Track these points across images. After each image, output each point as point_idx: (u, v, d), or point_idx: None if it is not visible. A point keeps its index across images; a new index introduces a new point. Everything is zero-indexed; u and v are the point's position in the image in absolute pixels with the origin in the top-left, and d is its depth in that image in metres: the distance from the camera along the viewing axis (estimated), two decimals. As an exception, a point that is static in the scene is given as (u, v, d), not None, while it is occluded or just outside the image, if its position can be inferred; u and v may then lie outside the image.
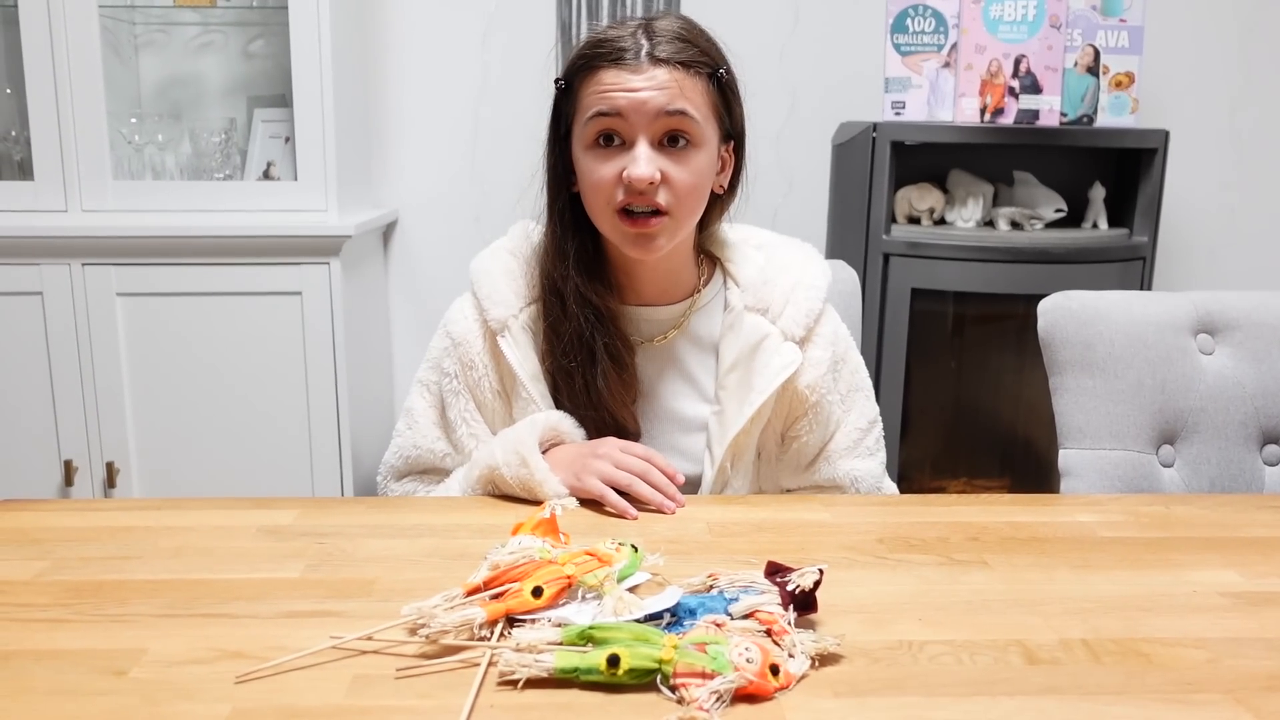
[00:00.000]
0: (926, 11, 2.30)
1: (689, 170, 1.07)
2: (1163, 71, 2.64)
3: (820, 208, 2.67)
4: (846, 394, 1.20)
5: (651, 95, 1.04)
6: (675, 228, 1.09)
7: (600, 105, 1.05)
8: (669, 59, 1.05)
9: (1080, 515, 1.05)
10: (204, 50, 2.53)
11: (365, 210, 2.49)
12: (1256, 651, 0.76)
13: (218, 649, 0.74)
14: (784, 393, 1.14)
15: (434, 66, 2.62)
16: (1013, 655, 0.75)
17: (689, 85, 1.06)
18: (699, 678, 0.68)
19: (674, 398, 1.19)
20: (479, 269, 1.19)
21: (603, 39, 1.07)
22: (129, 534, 0.97)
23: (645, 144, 1.05)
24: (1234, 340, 1.32)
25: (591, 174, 1.08)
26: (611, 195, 1.07)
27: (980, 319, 2.55)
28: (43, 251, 2.18)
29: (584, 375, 1.13)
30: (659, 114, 1.05)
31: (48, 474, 2.25)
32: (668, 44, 1.06)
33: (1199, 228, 2.76)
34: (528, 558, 0.81)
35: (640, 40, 1.06)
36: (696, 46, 1.08)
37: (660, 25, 1.08)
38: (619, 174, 1.06)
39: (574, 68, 1.09)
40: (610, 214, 1.08)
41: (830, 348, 1.17)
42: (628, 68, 1.05)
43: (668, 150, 1.07)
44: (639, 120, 1.05)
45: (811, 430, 1.17)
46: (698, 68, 1.07)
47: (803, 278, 1.18)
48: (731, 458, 1.14)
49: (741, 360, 1.15)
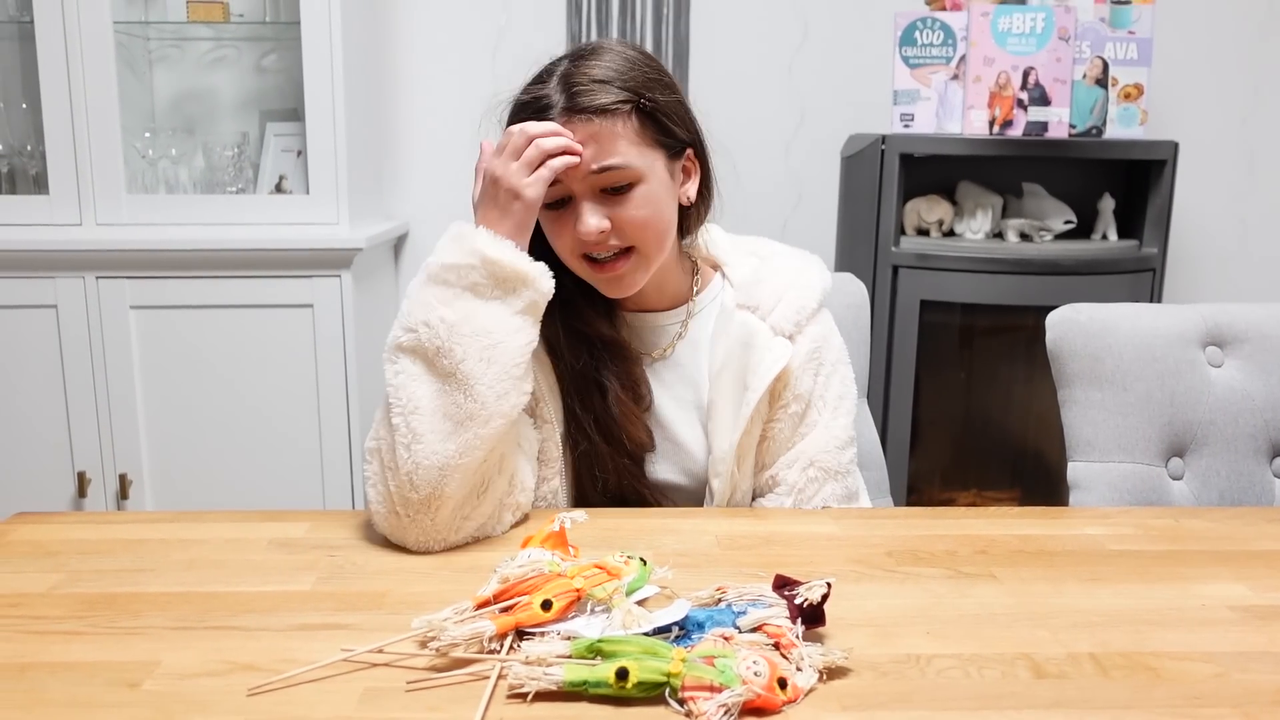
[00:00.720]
0: (935, 24, 2.30)
1: (636, 208, 1.06)
2: (1172, 83, 2.64)
3: (829, 220, 2.67)
4: (829, 400, 1.16)
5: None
6: (643, 261, 1.10)
7: None
8: (585, 108, 1.04)
9: (1089, 528, 1.05)
10: (217, 65, 2.55)
11: (376, 223, 2.50)
12: (1265, 666, 0.76)
13: (230, 661, 0.74)
14: (771, 385, 1.13)
15: (445, 79, 2.64)
16: (1020, 669, 0.75)
17: (609, 132, 1.04)
18: (707, 691, 0.68)
19: (683, 407, 1.19)
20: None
21: (525, 101, 1.08)
22: (142, 546, 0.97)
23: (587, 201, 1.06)
24: (1243, 353, 1.32)
25: (549, 233, 1.10)
26: (573, 248, 1.08)
27: (989, 331, 2.55)
28: (57, 265, 2.19)
29: (596, 407, 1.14)
30: (587, 174, 1.05)
31: (61, 486, 2.27)
32: (583, 94, 1.04)
33: (1209, 239, 2.76)
34: (537, 571, 0.81)
35: (557, 95, 1.05)
36: (612, 84, 1.05)
37: (580, 70, 1.06)
38: (573, 230, 1.07)
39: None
40: (578, 263, 1.10)
41: (814, 343, 1.15)
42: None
43: (610, 197, 1.06)
44: (572, 183, 1.05)
45: (785, 420, 1.14)
46: (616, 108, 1.05)
47: (797, 279, 1.17)
48: (738, 462, 1.14)
49: (733, 358, 1.14)
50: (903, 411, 2.31)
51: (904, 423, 2.32)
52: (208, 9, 2.35)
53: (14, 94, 2.42)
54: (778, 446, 1.15)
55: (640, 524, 1.06)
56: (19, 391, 2.24)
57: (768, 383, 1.11)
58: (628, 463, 1.16)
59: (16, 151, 2.39)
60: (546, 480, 1.14)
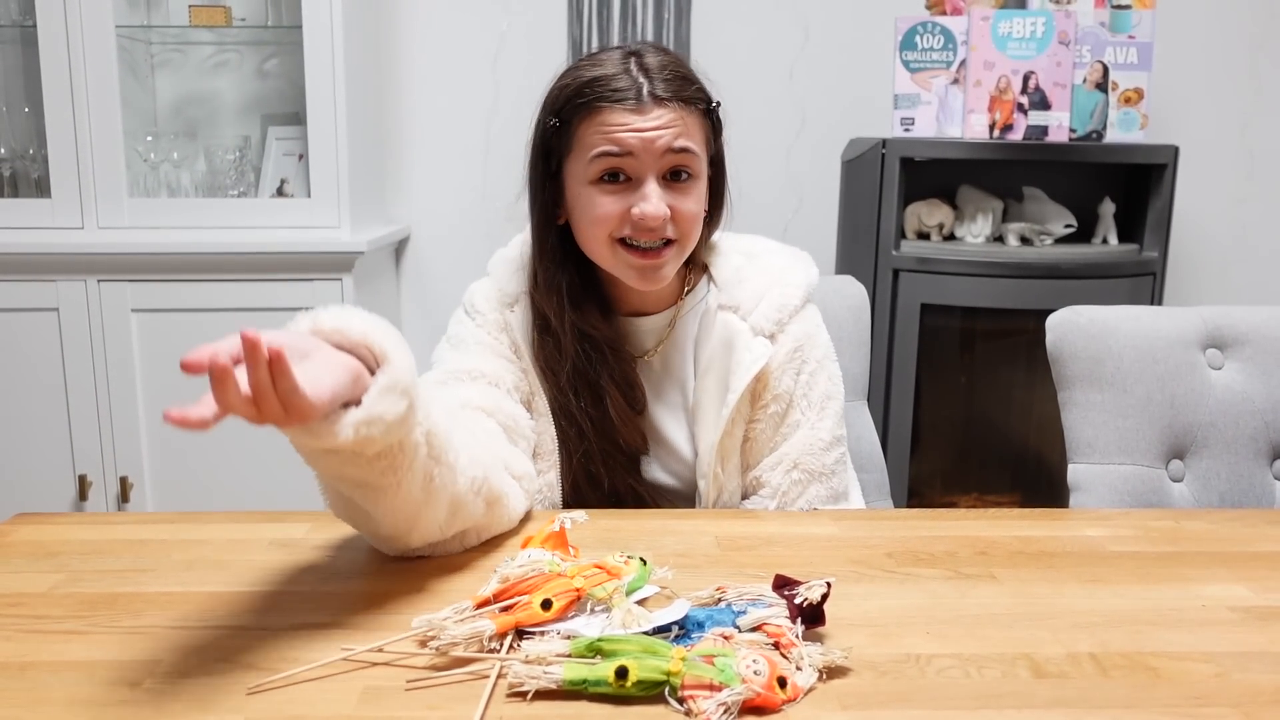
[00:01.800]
0: (935, 29, 2.31)
1: (693, 201, 1.09)
2: (1172, 88, 2.64)
3: (830, 223, 2.68)
4: (814, 400, 1.15)
5: (659, 135, 1.05)
6: (680, 255, 1.11)
7: (607, 145, 1.05)
8: (671, 97, 1.06)
9: (1089, 530, 1.05)
10: (219, 69, 2.56)
11: (378, 227, 2.51)
12: (1265, 666, 0.76)
13: (230, 661, 0.75)
14: (753, 385, 1.13)
15: (446, 84, 2.64)
16: (1020, 669, 0.75)
17: (690, 121, 1.08)
18: (707, 690, 0.68)
19: (671, 409, 1.19)
20: (498, 256, 1.22)
21: (598, 77, 1.06)
22: (143, 547, 0.97)
23: (654, 182, 1.06)
24: (1243, 355, 1.32)
25: (596, 209, 1.08)
26: (614, 229, 1.08)
27: (990, 334, 2.55)
28: (59, 268, 2.20)
29: (591, 409, 1.14)
30: (665, 152, 1.06)
31: (62, 488, 2.27)
32: (665, 82, 1.06)
33: (1210, 243, 2.76)
34: (537, 571, 0.82)
35: (638, 78, 1.06)
36: (691, 81, 1.10)
37: (651, 61, 1.08)
38: (625, 210, 1.07)
39: (571, 106, 1.07)
40: (611, 245, 1.09)
41: (796, 341, 1.14)
42: (632, 108, 1.05)
43: (671, 184, 1.08)
44: (647, 159, 1.06)
45: (766, 420, 1.14)
46: (695, 103, 1.09)
47: (781, 277, 1.17)
48: (721, 462, 1.14)
49: (716, 360, 1.14)
50: (903, 415, 2.31)
51: (904, 426, 2.32)
52: (210, 13, 2.36)
53: (16, 97, 2.42)
54: (760, 447, 1.15)
55: (640, 525, 1.06)
56: (20, 394, 2.24)
57: (746, 383, 1.11)
58: (623, 461, 1.16)
59: (19, 155, 2.39)
60: (543, 474, 1.14)
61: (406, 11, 2.61)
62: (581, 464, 1.16)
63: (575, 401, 1.14)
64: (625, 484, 1.17)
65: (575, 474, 1.16)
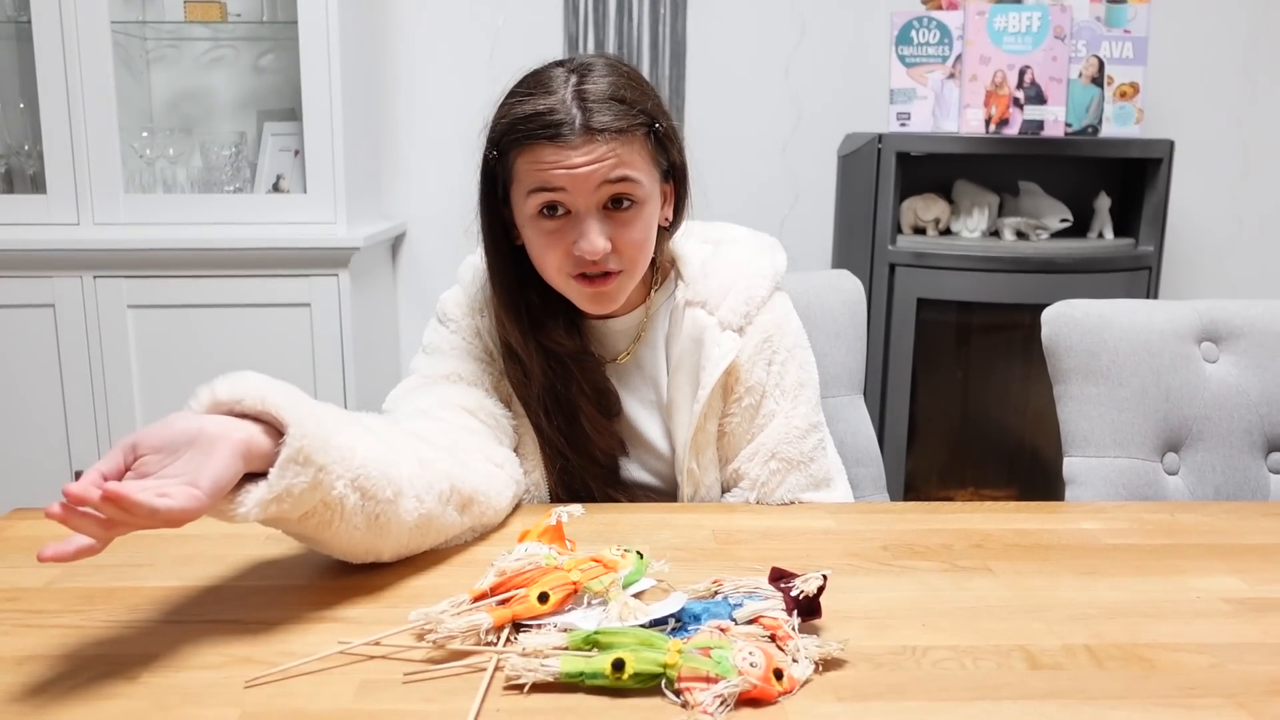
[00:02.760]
0: (931, 23, 2.31)
1: (636, 229, 1.06)
2: (1167, 82, 2.64)
3: (826, 218, 2.68)
4: (787, 389, 1.14)
5: (593, 169, 1.01)
6: (628, 281, 1.09)
7: (540, 182, 1.03)
8: (606, 128, 1.01)
9: (1085, 522, 1.06)
10: (215, 65, 2.56)
11: (374, 223, 2.51)
12: (1259, 657, 0.76)
13: (227, 654, 0.75)
14: (723, 380, 1.13)
15: (442, 80, 2.64)
16: (1015, 660, 0.75)
17: (627, 150, 1.03)
18: (703, 682, 0.68)
19: (646, 407, 1.18)
20: (467, 263, 1.23)
21: (530, 114, 1.02)
22: (140, 541, 0.97)
23: (592, 216, 1.03)
24: (1238, 348, 1.32)
25: (539, 245, 1.06)
26: (562, 263, 1.06)
27: (986, 329, 2.55)
28: (55, 264, 2.20)
29: (564, 426, 1.14)
30: (601, 184, 1.02)
31: (58, 484, 2.25)
32: (602, 111, 1.02)
33: (1205, 237, 2.76)
34: (534, 564, 0.82)
35: (572, 110, 1.01)
36: (630, 105, 1.04)
37: (591, 87, 1.03)
38: (568, 246, 1.04)
39: (506, 140, 1.04)
40: (564, 278, 1.08)
41: (765, 332, 1.14)
42: (564, 144, 1.01)
43: (612, 213, 1.05)
44: (582, 193, 1.02)
45: (740, 414, 1.13)
46: (634, 129, 1.04)
47: (746, 269, 1.15)
48: (695, 458, 1.14)
49: (687, 356, 1.14)
50: (900, 409, 2.32)
51: (901, 421, 2.32)
52: (205, 9, 2.35)
53: (11, 94, 2.42)
54: (737, 440, 1.15)
55: (637, 518, 1.06)
56: (16, 390, 2.24)
57: (715, 378, 1.11)
58: (600, 473, 1.16)
59: (14, 151, 2.39)
60: (528, 473, 1.14)
61: (402, 7, 2.61)
62: (560, 479, 1.16)
63: (548, 421, 1.13)
64: (604, 494, 1.17)
65: (554, 487, 1.16)
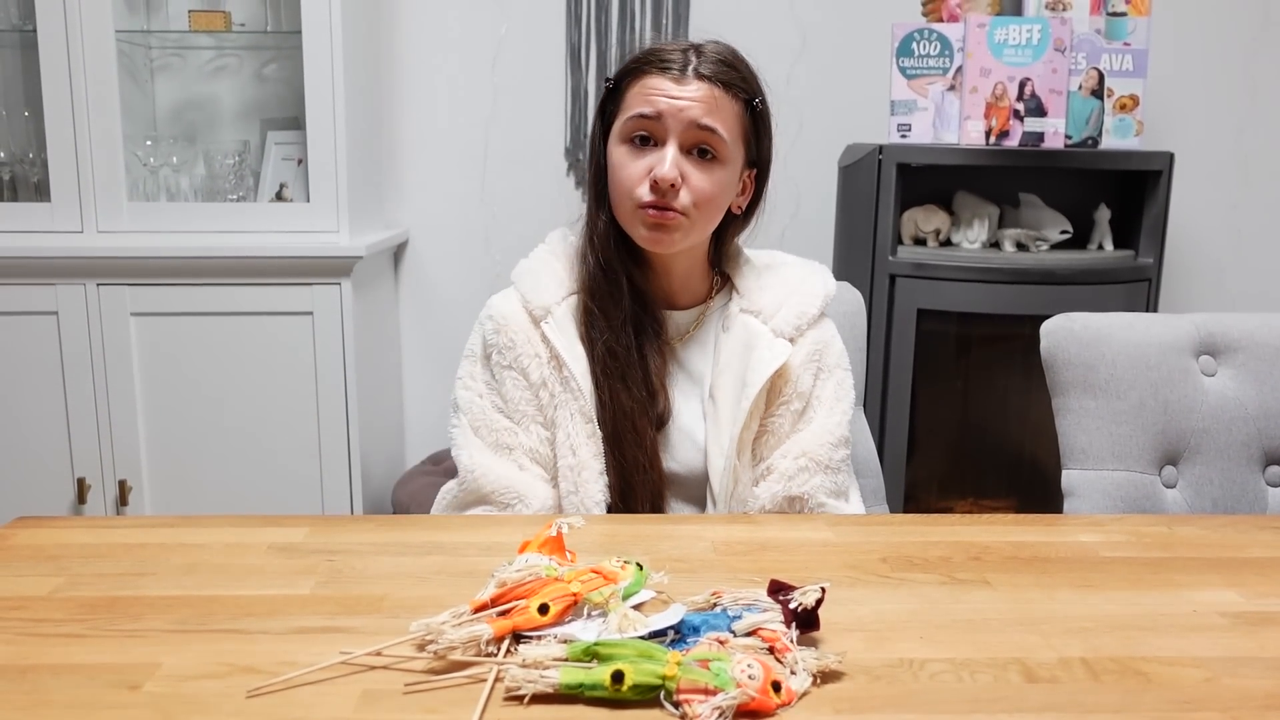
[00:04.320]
0: (931, 35, 2.32)
1: (709, 180, 1.14)
2: (1167, 94, 2.65)
3: (827, 229, 2.68)
4: (825, 399, 1.21)
5: (688, 105, 1.12)
6: (689, 229, 1.15)
7: (641, 107, 1.13)
8: (710, 76, 1.13)
9: (1082, 535, 1.06)
10: (218, 74, 2.57)
11: (376, 231, 2.51)
12: (1255, 671, 0.77)
13: (230, 664, 0.75)
14: (770, 383, 1.18)
15: (445, 89, 2.65)
16: (1012, 673, 0.75)
17: (723, 104, 1.14)
18: (702, 694, 0.69)
19: (688, 401, 1.23)
20: (521, 267, 1.25)
21: (656, 49, 1.16)
22: (143, 551, 0.98)
23: (674, 147, 1.13)
24: (1236, 361, 1.33)
25: (622, 168, 1.15)
26: (635, 186, 1.14)
27: (986, 340, 2.56)
28: (58, 272, 2.20)
29: (634, 352, 1.18)
30: (691, 124, 1.12)
31: (61, 491, 2.27)
32: (712, 64, 1.14)
33: (1205, 249, 2.77)
34: (534, 575, 0.82)
35: (689, 56, 1.14)
36: (738, 72, 1.16)
37: (709, 48, 1.17)
38: (647, 171, 1.13)
39: (625, 70, 1.18)
40: (631, 206, 1.14)
41: (815, 345, 1.21)
42: (672, 77, 1.13)
43: (693, 159, 1.14)
44: (673, 125, 1.12)
45: (785, 415, 1.19)
46: (735, 91, 1.15)
47: (800, 287, 1.24)
48: (738, 453, 1.17)
49: (735, 359, 1.20)
50: (899, 420, 2.32)
51: (901, 431, 2.32)
52: (209, 18, 2.37)
53: (16, 102, 2.43)
54: (776, 440, 1.20)
55: (637, 530, 1.07)
56: (20, 398, 2.25)
57: (765, 378, 1.16)
58: (644, 453, 1.18)
59: (18, 159, 2.40)
60: (575, 451, 1.17)
61: (405, 16, 2.62)
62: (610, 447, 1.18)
63: (623, 343, 1.18)
64: (641, 478, 1.18)
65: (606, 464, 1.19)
